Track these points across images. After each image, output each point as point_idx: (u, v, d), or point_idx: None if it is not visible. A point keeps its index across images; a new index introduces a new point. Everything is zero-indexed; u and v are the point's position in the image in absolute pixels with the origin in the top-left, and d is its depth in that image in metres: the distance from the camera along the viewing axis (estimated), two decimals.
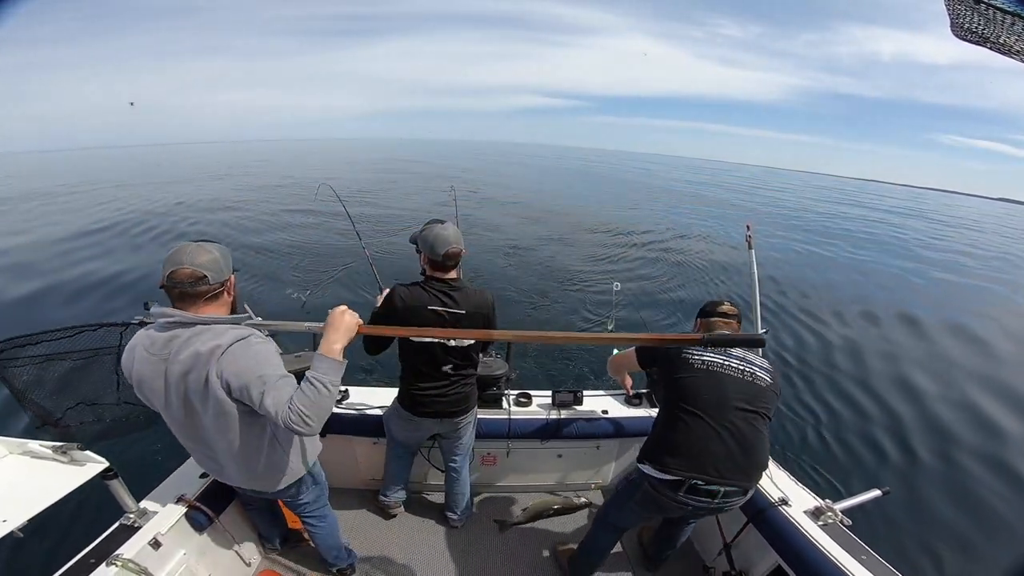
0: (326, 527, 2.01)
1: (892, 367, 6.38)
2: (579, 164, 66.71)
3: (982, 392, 5.86)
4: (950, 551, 3.38)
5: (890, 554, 1.74)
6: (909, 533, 3.47)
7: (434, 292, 1.85)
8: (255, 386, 1.26)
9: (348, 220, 3.34)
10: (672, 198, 28.83)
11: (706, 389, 1.59)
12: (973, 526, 3.64)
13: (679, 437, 1.59)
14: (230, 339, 1.30)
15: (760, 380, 1.65)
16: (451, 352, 1.95)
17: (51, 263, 9.00)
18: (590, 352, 5.43)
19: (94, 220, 13.52)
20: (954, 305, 10.09)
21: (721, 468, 1.54)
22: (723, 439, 1.54)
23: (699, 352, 1.64)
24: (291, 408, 1.22)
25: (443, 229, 1.82)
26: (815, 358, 6.36)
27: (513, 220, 15.10)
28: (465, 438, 2.29)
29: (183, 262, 1.27)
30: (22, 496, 1.38)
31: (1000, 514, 3.78)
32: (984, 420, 5.22)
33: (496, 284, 8.20)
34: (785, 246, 15.06)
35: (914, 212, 44.51)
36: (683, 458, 1.57)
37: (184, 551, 1.83)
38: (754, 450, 1.57)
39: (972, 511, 3.79)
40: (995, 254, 19.83)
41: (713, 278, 9.98)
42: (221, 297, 1.38)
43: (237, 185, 24.04)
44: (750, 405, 1.60)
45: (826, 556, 1.70)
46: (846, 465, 4.22)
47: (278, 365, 1.34)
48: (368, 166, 43.88)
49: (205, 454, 1.54)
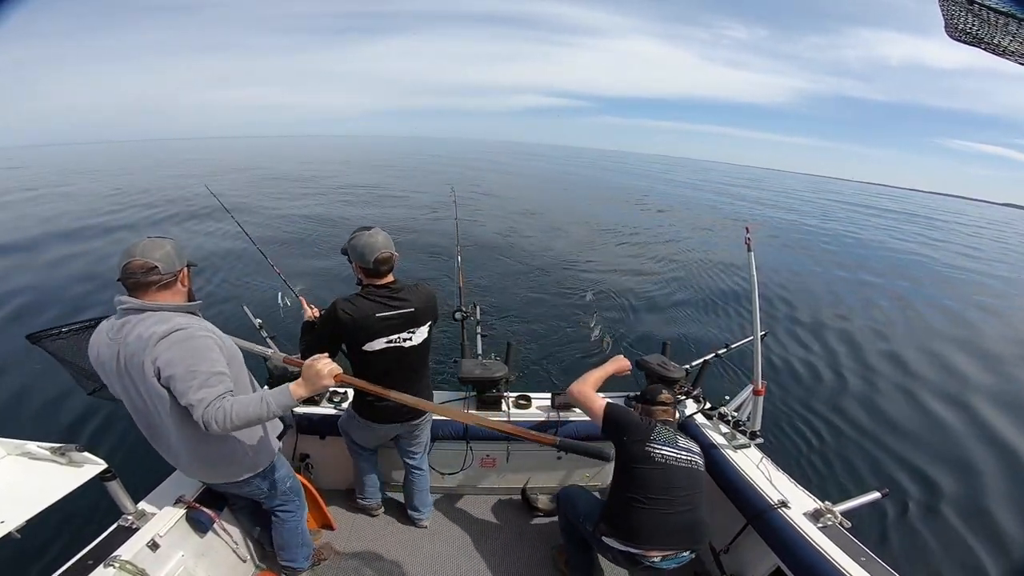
0: (286, 527, 2.01)
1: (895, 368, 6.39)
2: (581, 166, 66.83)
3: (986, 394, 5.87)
4: (951, 553, 3.37)
5: (889, 556, 1.74)
6: (909, 535, 3.47)
7: (377, 299, 1.84)
8: (182, 379, 1.30)
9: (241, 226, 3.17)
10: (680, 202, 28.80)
11: (660, 479, 1.82)
12: (974, 525, 3.64)
13: (636, 520, 1.79)
14: (170, 328, 1.34)
15: (697, 466, 1.89)
16: (408, 354, 1.95)
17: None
18: (590, 355, 5.43)
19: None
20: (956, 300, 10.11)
21: (673, 539, 1.78)
22: (672, 519, 1.78)
23: (659, 447, 1.86)
24: (218, 407, 1.27)
25: (371, 236, 1.80)
26: (818, 360, 6.37)
27: (513, 221, 15.10)
28: (423, 436, 2.30)
29: (135, 255, 1.37)
30: (20, 497, 1.38)
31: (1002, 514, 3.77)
32: (981, 421, 5.22)
33: (496, 283, 8.22)
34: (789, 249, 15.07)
35: (928, 220, 44.34)
36: (642, 536, 1.78)
37: (182, 553, 1.82)
38: (697, 522, 1.83)
39: (973, 510, 3.79)
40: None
41: (716, 278, 9.99)
42: (174, 286, 1.45)
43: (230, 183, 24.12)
44: (693, 490, 1.85)
45: (825, 558, 1.70)
46: (845, 467, 4.22)
47: (214, 361, 1.37)
48: (371, 164, 43.96)
49: (161, 443, 1.58)
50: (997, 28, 0.50)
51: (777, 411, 4.86)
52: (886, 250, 18.67)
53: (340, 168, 37.62)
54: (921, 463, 4.37)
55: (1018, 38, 0.49)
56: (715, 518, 2.27)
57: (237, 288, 7.46)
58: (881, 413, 5.21)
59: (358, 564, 2.33)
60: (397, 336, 1.89)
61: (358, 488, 2.53)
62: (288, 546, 2.06)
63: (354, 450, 2.38)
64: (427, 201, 18.19)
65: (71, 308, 6.51)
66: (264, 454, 1.74)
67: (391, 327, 1.86)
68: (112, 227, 12.33)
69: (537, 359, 5.58)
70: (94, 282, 7.59)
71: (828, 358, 6.48)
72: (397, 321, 1.87)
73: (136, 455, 3.38)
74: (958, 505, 3.85)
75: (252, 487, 1.78)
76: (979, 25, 0.52)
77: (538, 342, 6.09)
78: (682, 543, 1.79)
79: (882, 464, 4.33)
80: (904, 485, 4.04)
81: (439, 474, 2.65)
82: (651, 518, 1.78)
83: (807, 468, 4.10)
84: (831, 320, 8.12)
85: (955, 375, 6.53)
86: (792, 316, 8.18)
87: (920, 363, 6.76)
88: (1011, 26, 0.48)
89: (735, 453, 2.27)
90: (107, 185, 22.72)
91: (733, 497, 2.13)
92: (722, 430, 2.43)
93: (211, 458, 1.61)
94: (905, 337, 7.85)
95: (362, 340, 1.84)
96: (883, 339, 7.57)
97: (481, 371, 2.50)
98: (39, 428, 3.85)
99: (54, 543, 2.54)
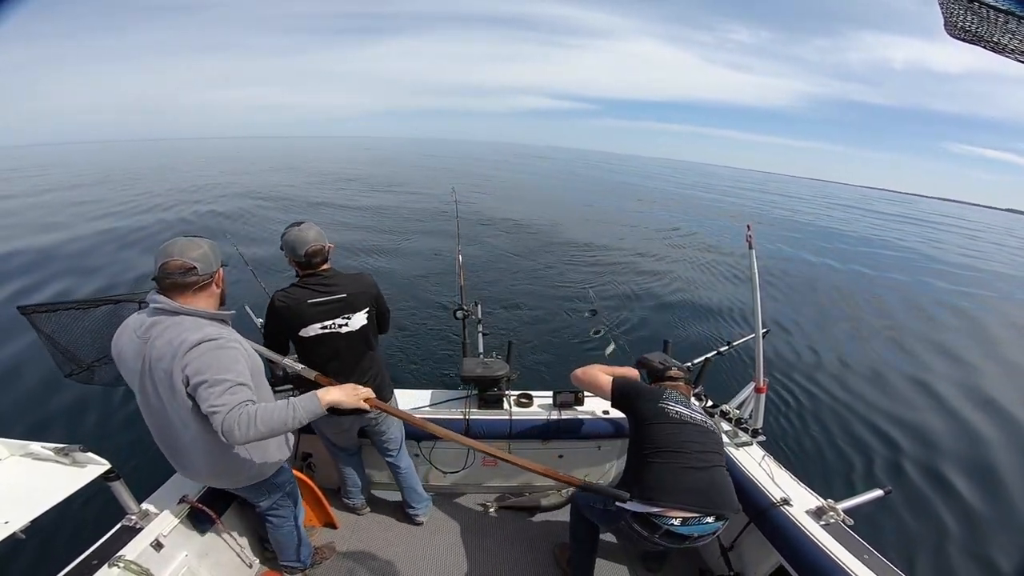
0: (280, 531, 2.00)
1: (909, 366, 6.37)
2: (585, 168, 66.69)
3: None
4: (955, 551, 3.37)
5: (892, 554, 1.74)
6: (912, 532, 3.47)
7: (309, 287, 1.90)
8: (205, 387, 1.30)
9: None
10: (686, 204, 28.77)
11: (675, 435, 1.82)
12: (980, 523, 3.63)
13: (653, 476, 1.76)
14: (200, 337, 1.33)
15: (711, 428, 1.90)
16: (348, 338, 1.98)
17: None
18: (591, 354, 5.43)
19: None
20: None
21: (692, 497, 1.70)
22: (690, 475, 1.74)
23: (672, 404, 1.89)
24: (241, 412, 1.26)
25: (300, 231, 1.87)
26: (818, 359, 6.36)
27: (515, 221, 15.10)
28: (389, 431, 2.30)
29: (174, 254, 1.37)
30: (24, 497, 1.39)
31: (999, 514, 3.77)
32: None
33: (496, 283, 8.22)
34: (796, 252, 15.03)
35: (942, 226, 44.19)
36: (659, 491, 1.72)
37: (186, 552, 1.83)
38: (718, 482, 1.77)
39: (979, 508, 3.78)
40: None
41: (718, 276, 9.98)
42: (209, 288, 1.45)
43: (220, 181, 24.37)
44: (709, 448, 1.84)
45: (828, 556, 1.70)
46: (848, 465, 4.21)
47: (240, 373, 1.36)
48: (376, 163, 44.04)
49: (170, 445, 1.57)
50: (997, 26, 0.50)
51: (779, 409, 4.86)
52: (890, 249, 18.65)
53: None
54: (925, 461, 4.36)
55: (1017, 36, 0.49)
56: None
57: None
58: (883, 411, 5.20)
59: (359, 562, 2.34)
60: (331, 322, 1.93)
61: (342, 489, 2.54)
62: (286, 548, 2.06)
63: (332, 451, 2.40)
64: (428, 201, 18.20)
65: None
66: (270, 464, 1.73)
67: (324, 312, 1.90)
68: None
69: (539, 357, 5.59)
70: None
71: (830, 355, 6.47)
72: (329, 306, 1.91)
73: (139, 455, 3.40)
74: (963, 503, 3.85)
75: (252, 492, 1.79)
76: (978, 23, 0.52)
77: (540, 340, 6.10)
78: (701, 503, 1.70)
79: (885, 461, 4.32)
80: (908, 483, 4.04)
81: (441, 473, 2.66)
82: (668, 472, 1.74)
83: (809, 466, 4.10)
84: (833, 318, 8.11)
85: (962, 370, 6.51)
86: (795, 314, 8.17)
87: (926, 359, 6.75)
88: (1011, 24, 0.48)
89: (737, 451, 2.28)
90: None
91: (736, 495, 2.13)
92: (724, 428, 2.42)
93: (218, 464, 1.59)
94: (910, 333, 7.84)
95: (297, 326, 1.89)
96: (887, 336, 7.56)
97: (482, 370, 2.50)
98: (42, 428, 3.86)
99: (58, 543, 2.55)
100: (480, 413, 2.54)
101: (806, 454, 4.27)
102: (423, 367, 5.25)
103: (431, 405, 2.58)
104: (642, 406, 1.93)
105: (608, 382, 2.10)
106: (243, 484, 1.71)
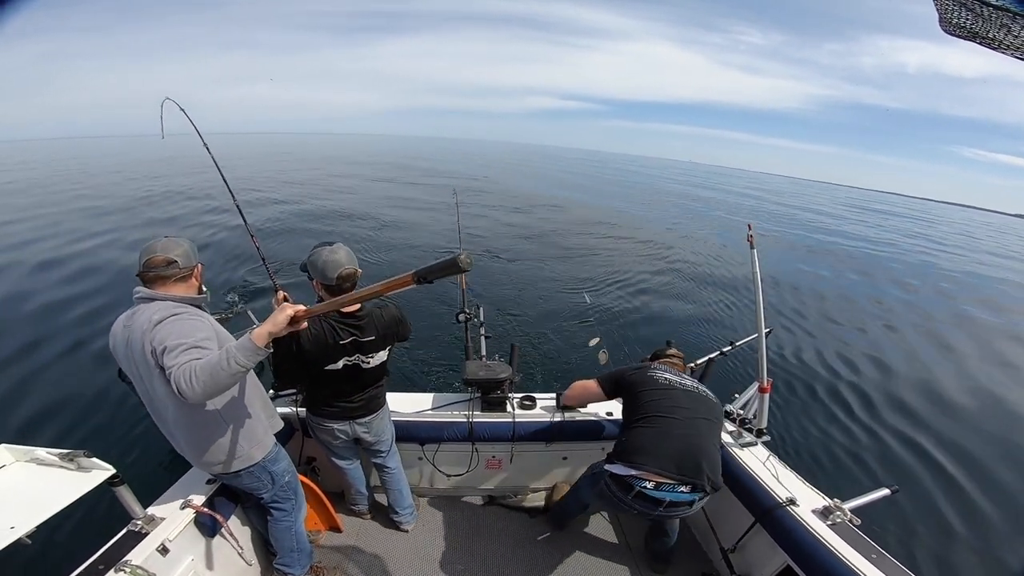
0: (278, 526, 2.01)
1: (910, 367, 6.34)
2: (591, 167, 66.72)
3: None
4: (965, 549, 3.34)
5: (900, 553, 1.72)
6: (920, 532, 3.44)
7: (341, 326, 1.82)
8: (164, 353, 1.34)
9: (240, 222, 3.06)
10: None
11: (664, 400, 1.90)
12: (988, 521, 3.60)
13: (637, 439, 1.83)
14: (165, 314, 1.43)
15: (704, 394, 1.98)
16: (366, 371, 1.98)
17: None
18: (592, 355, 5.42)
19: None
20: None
21: (669, 463, 1.73)
22: (672, 439, 1.79)
23: (661, 372, 1.99)
24: (186, 367, 1.27)
25: (332, 252, 1.74)
26: (821, 358, 6.33)
27: (516, 220, 15.10)
28: (383, 435, 2.29)
29: (157, 251, 1.51)
30: (29, 503, 1.39)
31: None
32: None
33: (499, 286, 8.22)
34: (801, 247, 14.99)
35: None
36: (639, 452, 1.78)
37: (192, 557, 1.84)
38: (703, 450, 1.80)
39: (988, 506, 3.76)
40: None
41: (720, 275, 9.96)
42: (188, 280, 1.59)
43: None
44: (699, 413, 1.90)
45: (836, 555, 1.68)
46: (855, 464, 4.19)
47: (202, 339, 1.40)
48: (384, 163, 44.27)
49: (165, 429, 1.65)
50: (991, 22, 0.50)
51: (784, 408, 4.84)
52: (895, 250, 18.61)
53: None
54: (933, 458, 4.34)
55: (1012, 31, 0.49)
56: (722, 516, 2.27)
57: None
58: (890, 408, 5.18)
59: (361, 568, 2.33)
60: (357, 356, 1.93)
61: (347, 496, 2.56)
62: (282, 547, 2.05)
63: (332, 459, 2.39)
64: (430, 201, 18.23)
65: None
66: (258, 446, 1.76)
67: (351, 351, 1.90)
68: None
69: (542, 360, 5.58)
70: None
71: (834, 354, 6.44)
72: (358, 347, 1.90)
73: (145, 460, 3.42)
74: (972, 501, 3.82)
75: (251, 479, 1.80)
76: (973, 19, 0.52)
77: (543, 342, 6.09)
78: (678, 469, 1.71)
79: (892, 460, 4.30)
80: (915, 481, 4.01)
81: (444, 475, 2.65)
82: (652, 435, 1.80)
83: (815, 465, 4.08)
84: (836, 317, 8.08)
85: (965, 369, 6.48)
86: (798, 312, 8.14)
87: (930, 358, 6.72)
88: (1005, 20, 0.48)
89: (742, 451, 2.27)
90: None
91: (741, 495, 2.13)
92: (728, 428, 2.42)
93: (202, 443, 1.64)
94: (915, 333, 7.80)
95: (323, 363, 1.87)
96: (892, 335, 7.52)
97: (485, 372, 2.50)
98: (47, 434, 3.88)
99: (64, 549, 2.56)
100: (483, 416, 2.54)
101: (811, 453, 4.25)
102: (425, 370, 5.26)
103: (434, 408, 2.58)
104: (632, 376, 2.04)
105: (595, 383, 2.22)
106: (233, 469, 1.72)
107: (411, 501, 2.55)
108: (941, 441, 4.66)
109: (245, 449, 1.71)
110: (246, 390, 1.72)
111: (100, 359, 4.87)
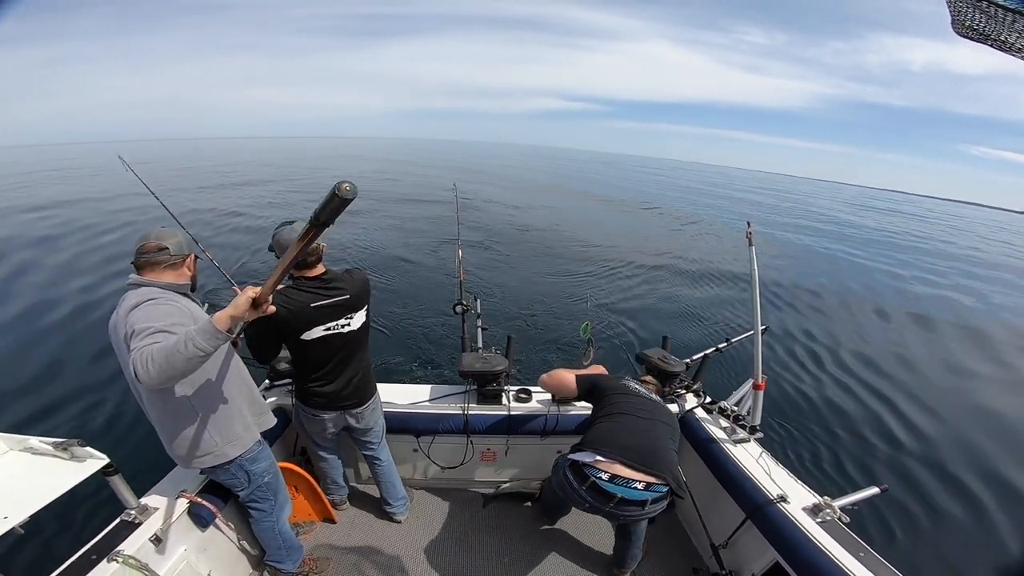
0: (260, 526, 1.98)
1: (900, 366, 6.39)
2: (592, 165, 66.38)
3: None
4: (951, 548, 3.39)
5: (888, 551, 1.74)
6: (908, 530, 3.48)
7: (310, 290, 1.86)
8: (130, 337, 1.32)
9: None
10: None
11: (628, 403, 2.03)
12: (977, 520, 3.65)
13: (598, 431, 1.93)
14: (143, 298, 1.42)
15: (661, 404, 2.12)
16: (348, 339, 1.99)
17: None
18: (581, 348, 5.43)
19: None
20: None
21: (626, 453, 1.77)
22: (630, 433, 1.88)
23: (631, 382, 2.18)
24: (145, 350, 1.23)
25: (293, 230, 1.81)
26: (821, 355, 6.37)
27: (517, 220, 15.06)
28: (375, 426, 2.29)
29: (150, 238, 1.54)
30: (23, 492, 1.38)
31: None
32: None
33: (496, 279, 8.21)
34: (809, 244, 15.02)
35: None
36: (597, 441, 1.85)
37: (185, 547, 1.84)
38: (665, 448, 1.87)
39: (977, 505, 3.80)
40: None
41: (718, 272, 9.98)
42: (179, 269, 1.59)
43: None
44: (657, 418, 2.00)
45: (824, 553, 1.70)
46: (845, 462, 4.23)
47: (171, 324, 1.35)
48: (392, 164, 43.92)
49: (150, 417, 1.62)
50: (1004, 25, 0.50)
51: (778, 405, 4.87)
52: (895, 249, 18.70)
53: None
54: (922, 458, 4.38)
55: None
56: (714, 512, 2.29)
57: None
58: (883, 407, 5.22)
59: (356, 559, 2.33)
60: (334, 323, 1.93)
61: (322, 484, 2.49)
62: (268, 546, 2.03)
63: (312, 449, 2.38)
64: (431, 199, 18.14)
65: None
66: (234, 444, 1.71)
67: (327, 315, 1.90)
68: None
69: (538, 352, 5.59)
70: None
71: (830, 353, 6.48)
72: (333, 308, 1.90)
73: (138, 450, 3.41)
74: (961, 501, 3.87)
75: (225, 475, 1.78)
76: (986, 22, 0.51)
77: (540, 335, 6.10)
78: (640, 459, 1.74)
79: (883, 459, 4.34)
80: (905, 480, 4.06)
81: (440, 468, 2.66)
82: (616, 428, 1.91)
83: (807, 463, 4.11)
84: (834, 315, 8.12)
85: (959, 370, 6.53)
86: (797, 311, 8.18)
87: (921, 358, 6.77)
88: (1018, 23, 0.48)
89: (735, 447, 2.28)
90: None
91: (732, 491, 2.14)
92: (722, 424, 2.43)
93: (170, 432, 1.60)
94: (908, 333, 7.86)
95: (299, 330, 1.87)
96: (888, 334, 7.57)
97: (481, 365, 2.49)
98: (41, 423, 3.87)
99: (57, 538, 2.56)
100: (479, 408, 2.54)
101: (804, 451, 4.28)
102: (422, 362, 5.26)
103: (430, 400, 2.58)
104: (604, 383, 2.19)
105: (572, 379, 2.28)
106: (208, 464, 1.70)
107: (404, 493, 2.55)
108: (933, 441, 4.70)
109: (218, 445, 1.66)
110: (227, 383, 1.66)
111: (97, 348, 4.85)
